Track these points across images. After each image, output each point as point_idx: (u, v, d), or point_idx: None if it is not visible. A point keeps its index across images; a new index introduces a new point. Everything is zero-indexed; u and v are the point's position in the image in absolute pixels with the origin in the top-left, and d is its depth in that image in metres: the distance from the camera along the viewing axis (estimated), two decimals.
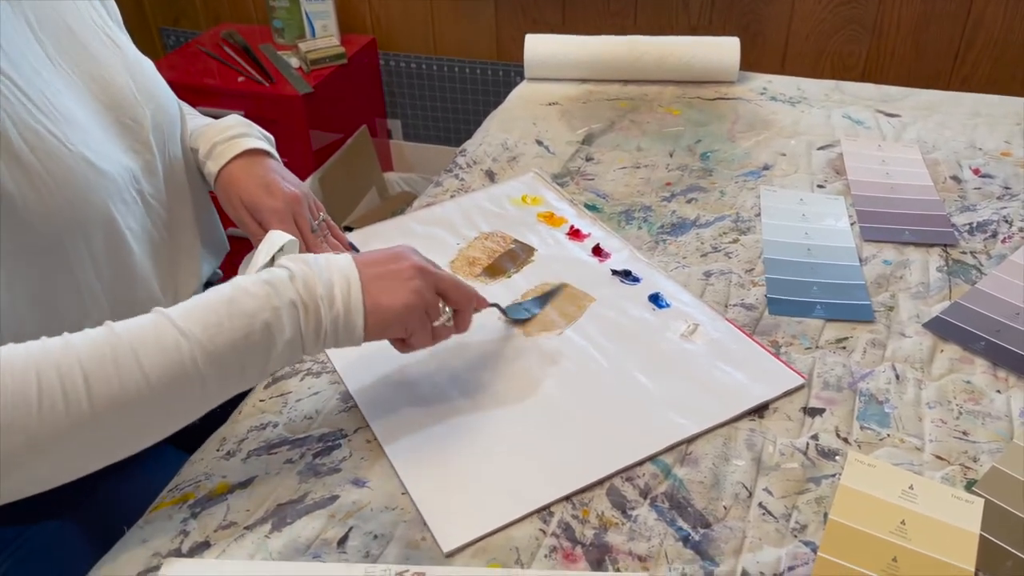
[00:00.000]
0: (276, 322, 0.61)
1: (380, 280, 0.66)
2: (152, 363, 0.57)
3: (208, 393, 0.60)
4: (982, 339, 0.81)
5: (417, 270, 0.68)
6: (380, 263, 0.67)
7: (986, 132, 1.17)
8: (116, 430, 0.57)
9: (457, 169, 1.13)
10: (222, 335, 0.59)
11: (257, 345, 0.61)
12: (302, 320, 0.62)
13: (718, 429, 0.73)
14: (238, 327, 0.60)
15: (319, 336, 0.63)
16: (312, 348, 0.64)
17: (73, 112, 0.68)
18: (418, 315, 0.68)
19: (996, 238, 0.96)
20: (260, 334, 0.61)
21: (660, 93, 1.30)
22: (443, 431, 0.72)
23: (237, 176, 0.83)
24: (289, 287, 0.62)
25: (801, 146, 1.15)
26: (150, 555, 0.63)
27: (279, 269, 0.64)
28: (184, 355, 0.58)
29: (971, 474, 0.69)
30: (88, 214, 0.67)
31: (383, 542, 0.64)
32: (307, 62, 2.04)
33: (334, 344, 0.65)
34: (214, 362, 0.59)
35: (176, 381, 0.58)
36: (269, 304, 0.61)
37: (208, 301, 0.61)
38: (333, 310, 0.63)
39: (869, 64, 1.92)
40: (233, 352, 0.60)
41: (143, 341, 0.57)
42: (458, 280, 0.71)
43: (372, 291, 0.65)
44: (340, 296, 0.64)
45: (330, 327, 0.64)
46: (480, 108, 2.26)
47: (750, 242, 0.96)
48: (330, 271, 0.64)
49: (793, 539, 0.64)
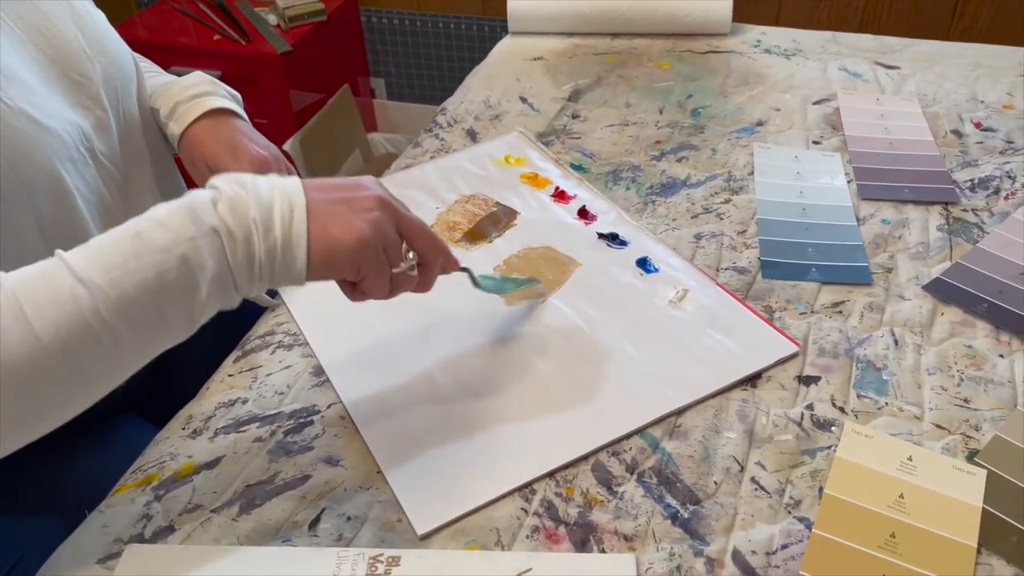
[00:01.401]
0: (195, 255, 0.52)
1: (331, 206, 0.56)
2: (43, 316, 0.48)
3: (125, 347, 0.52)
4: (984, 301, 0.78)
5: (378, 201, 0.58)
6: (334, 188, 0.57)
7: (988, 84, 1.13)
8: (16, 400, 0.49)
9: (437, 129, 1.08)
10: (128, 277, 0.50)
11: (175, 284, 0.51)
12: (228, 250, 0.53)
13: (709, 400, 0.69)
14: (148, 265, 0.51)
15: (252, 270, 0.54)
16: (246, 284, 0.55)
17: (13, 66, 0.64)
18: (373, 252, 0.57)
19: (999, 195, 0.92)
20: (176, 271, 0.51)
21: (649, 47, 1.25)
22: (420, 406, 0.69)
23: (201, 138, 0.78)
24: (211, 212, 0.53)
25: (796, 101, 1.11)
26: (111, 541, 0.60)
27: (204, 190, 0.54)
28: (83, 305, 0.49)
29: (973, 444, 0.66)
30: (31, 173, 0.62)
31: (356, 524, 0.61)
32: (285, 19, 1.97)
33: (271, 281, 0.55)
34: (124, 311, 0.50)
35: (76, 338, 0.49)
36: (185, 234, 0.52)
37: (113, 238, 0.52)
38: (270, 238, 0.53)
39: (867, 15, 1.87)
40: (146, 295, 0.51)
41: (32, 291, 0.49)
42: (426, 226, 0.61)
43: (320, 218, 0.55)
44: (280, 221, 0.54)
45: (265, 259, 0.54)
46: (467, 65, 2.20)
47: (743, 202, 0.92)
48: (271, 191, 0.55)
49: (787, 515, 0.61)
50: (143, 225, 0.52)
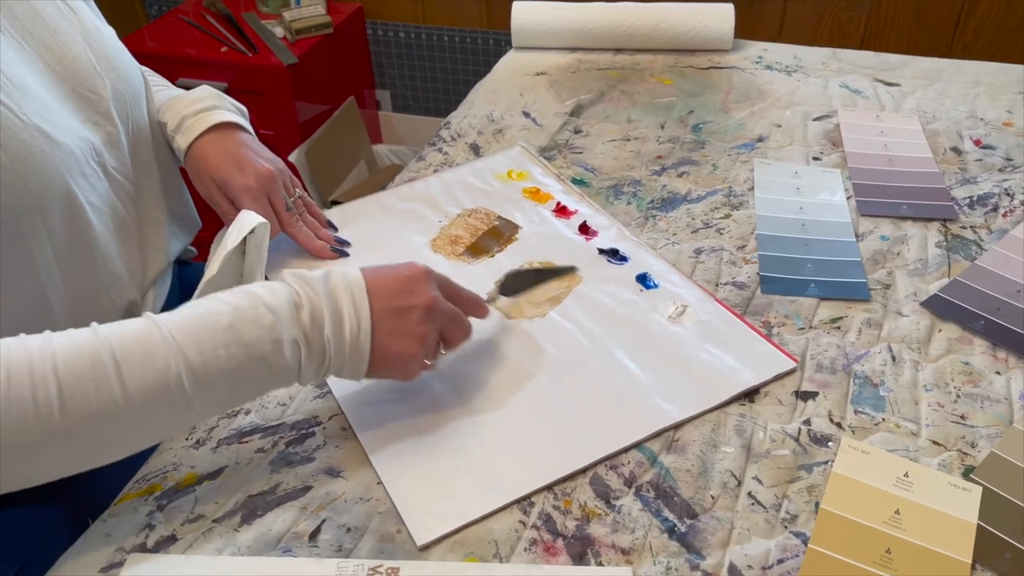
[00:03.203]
0: (275, 356, 0.58)
1: (392, 319, 0.63)
2: (135, 379, 0.53)
3: (192, 412, 0.57)
4: (981, 318, 0.78)
5: (428, 312, 0.64)
6: (395, 294, 0.63)
7: (987, 101, 1.14)
8: (89, 442, 0.54)
9: (441, 143, 1.09)
10: (216, 362, 0.56)
11: (251, 376, 0.58)
12: (303, 358, 0.59)
13: (707, 415, 0.70)
14: (234, 356, 0.56)
15: (319, 372, 0.62)
16: (309, 380, 0.62)
17: (26, 82, 0.65)
18: (418, 364, 0.66)
19: (997, 212, 0.93)
20: (255, 366, 0.58)
21: (652, 62, 1.26)
22: (420, 418, 0.70)
23: (207, 152, 0.79)
24: (294, 322, 0.59)
25: (797, 117, 1.11)
26: (113, 550, 0.61)
27: (284, 294, 0.59)
28: (171, 376, 0.54)
29: (969, 460, 0.66)
30: (44, 188, 0.64)
31: (356, 535, 0.62)
32: (292, 31, 1.98)
33: (332, 378, 0.64)
34: (203, 387, 0.56)
35: (159, 399, 0.55)
36: (270, 337, 0.58)
37: (205, 321, 0.57)
38: (340, 350, 0.61)
39: (869, 31, 1.88)
40: (225, 380, 0.57)
41: (128, 354, 0.54)
42: (461, 316, 0.68)
43: (381, 332, 0.62)
44: (349, 338, 0.61)
45: (333, 366, 0.62)
46: (471, 78, 2.21)
47: (743, 217, 0.93)
48: (339, 301, 0.61)
49: (783, 530, 0.61)
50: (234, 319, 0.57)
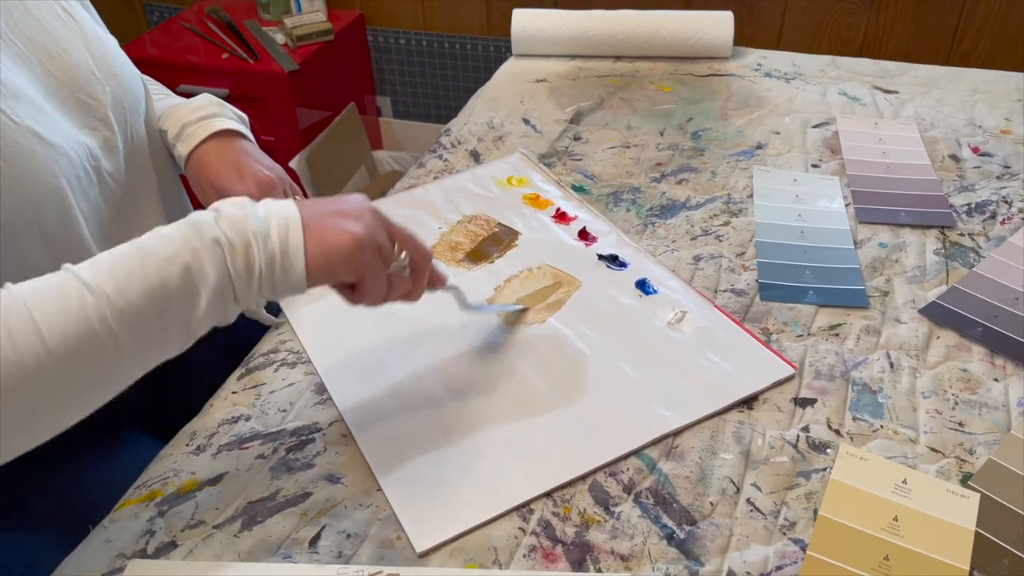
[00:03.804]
0: (196, 264, 0.54)
1: (325, 217, 0.59)
2: (51, 323, 0.50)
3: (126, 356, 0.53)
4: (979, 325, 0.79)
5: (368, 209, 0.61)
6: (325, 203, 0.61)
7: (986, 109, 1.14)
8: (21, 405, 0.50)
9: (441, 149, 1.09)
10: (134, 286, 0.52)
11: (177, 293, 0.54)
12: (228, 260, 0.55)
13: (705, 421, 0.70)
14: (152, 274, 0.53)
15: (251, 278, 0.56)
16: (246, 295, 0.57)
17: (21, 86, 0.65)
18: (369, 252, 0.60)
19: (995, 219, 0.93)
20: (179, 279, 0.53)
21: (651, 69, 1.26)
22: (420, 424, 0.70)
23: (208, 160, 0.79)
24: (213, 226, 0.55)
25: (796, 124, 1.12)
26: (114, 556, 0.61)
27: (205, 211, 0.57)
28: (89, 311, 0.51)
29: (967, 467, 0.66)
30: (37, 190, 0.63)
31: (356, 541, 0.62)
32: (293, 38, 1.99)
33: (272, 292, 0.58)
34: (127, 318, 0.52)
35: (82, 343, 0.51)
36: (188, 245, 0.54)
37: (120, 251, 0.54)
38: (268, 247, 0.56)
39: (868, 38, 1.88)
40: (149, 303, 0.53)
41: (41, 299, 0.51)
42: (414, 234, 0.64)
43: (315, 227, 0.58)
44: (277, 232, 0.57)
45: (265, 267, 0.56)
46: (471, 85, 2.22)
47: (742, 225, 0.93)
48: (266, 209, 0.58)
49: (782, 537, 0.62)
50: (147, 240, 0.55)
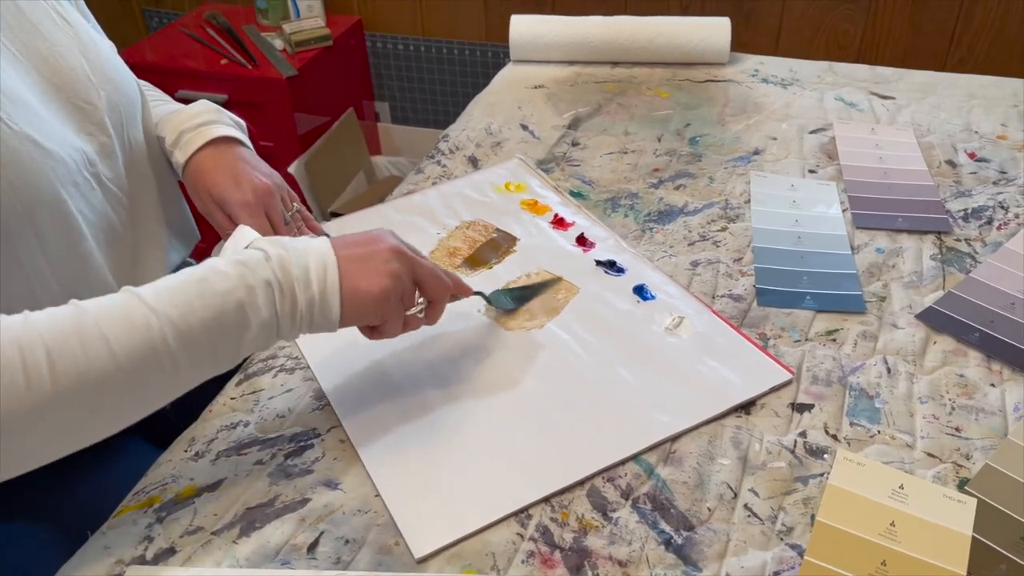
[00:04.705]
0: (250, 302, 0.59)
1: (358, 263, 0.64)
2: (120, 340, 0.54)
3: (179, 374, 0.58)
4: (976, 330, 0.79)
5: (395, 253, 0.66)
6: (358, 244, 0.66)
7: (982, 114, 1.14)
8: (82, 410, 0.54)
9: (439, 155, 1.10)
10: (194, 314, 0.57)
11: (230, 325, 0.59)
12: (278, 301, 0.60)
13: (703, 427, 0.70)
14: (211, 306, 0.58)
15: (295, 319, 0.61)
16: (288, 332, 0.62)
17: (18, 92, 0.65)
18: (394, 302, 0.66)
19: (991, 225, 0.93)
20: (234, 314, 0.58)
21: (649, 75, 1.27)
22: (418, 430, 0.70)
23: (205, 167, 0.79)
24: (264, 267, 0.60)
25: (793, 130, 1.12)
26: (112, 562, 0.61)
27: (254, 251, 0.62)
28: (154, 333, 0.55)
29: (964, 473, 0.67)
30: (34, 196, 0.64)
31: (355, 547, 0.62)
32: (291, 44, 2.00)
33: (309, 329, 0.63)
34: (185, 341, 0.57)
35: (145, 360, 0.55)
36: (243, 283, 0.59)
37: (179, 281, 0.59)
38: (308, 292, 0.61)
39: (864, 44, 1.89)
40: (205, 332, 0.57)
41: (110, 317, 0.55)
42: (437, 269, 0.70)
43: (349, 274, 0.63)
44: (316, 278, 0.62)
45: (305, 310, 0.61)
46: (470, 90, 2.22)
47: (739, 230, 0.93)
48: (307, 254, 0.63)
49: (779, 542, 0.62)
50: (205, 272, 0.60)
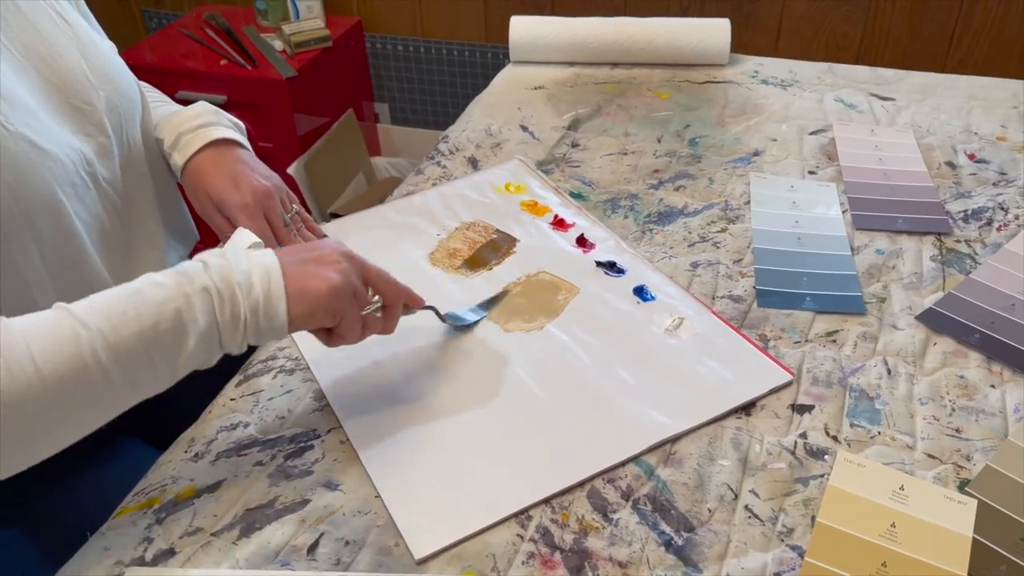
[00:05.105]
0: (188, 310, 0.57)
1: (303, 265, 0.63)
2: (46, 356, 0.52)
3: (114, 389, 0.56)
4: (976, 331, 0.79)
5: (342, 254, 0.65)
6: (302, 251, 0.65)
7: (982, 116, 1.15)
8: (10, 430, 0.52)
9: (439, 156, 1.10)
10: (127, 325, 0.55)
11: (167, 335, 0.57)
12: (216, 308, 0.58)
13: (703, 428, 0.70)
14: (145, 315, 0.56)
15: (237, 326, 0.60)
16: (231, 340, 0.60)
17: (15, 92, 0.65)
18: (345, 298, 0.64)
19: (991, 226, 0.93)
20: (170, 323, 0.57)
21: (649, 76, 1.27)
22: (418, 431, 0.70)
23: (204, 169, 0.79)
24: (202, 275, 0.59)
25: (792, 131, 1.12)
26: (112, 563, 0.61)
27: (192, 261, 0.61)
28: (83, 346, 0.53)
29: (964, 474, 0.67)
30: (31, 196, 0.64)
31: (355, 548, 0.62)
32: (291, 45, 2.00)
33: (256, 337, 0.61)
34: (118, 355, 0.55)
35: (74, 375, 0.53)
36: (180, 292, 0.58)
37: (114, 294, 0.57)
38: (252, 297, 0.60)
39: (864, 45, 1.89)
40: (140, 343, 0.56)
41: (37, 332, 0.53)
42: (385, 272, 0.68)
43: (294, 275, 0.62)
44: (259, 282, 0.60)
45: (250, 315, 0.60)
46: (469, 91, 2.22)
47: (739, 231, 0.93)
48: (248, 260, 0.61)
49: (780, 543, 0.62)
50: (140, 284, 0.58)
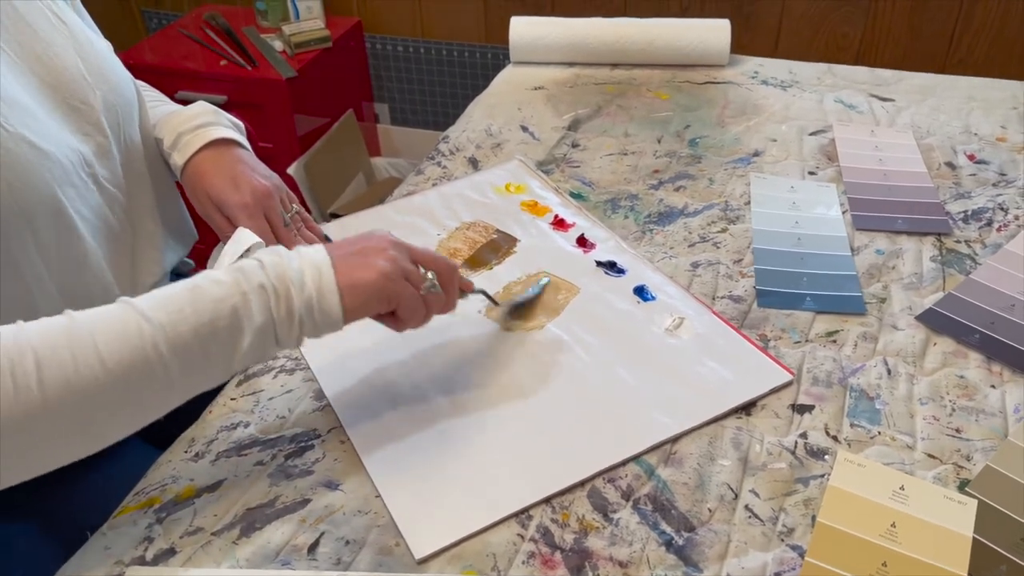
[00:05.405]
0: (244, 307, 0.58)
1: (351, 257, 0.63)
2: (110, 347, 0.54)
3: (172, 383, 0.57)
4: (976, 332, 0.79)
5: (389, 241, 0.66)
6: (350, 243, 0.65)
7: (981, 116, 1.15)
8: (72, 420, 0.54)
9: (439, 156, 1.10)
10: (186, 321, 0.56)
11: (224, 331, 0.58)
12: (273, 305, 0.59)
13: (703, 428, 0.70)
14: (204, 311, 0.57)
15: (292, 322, 0.60)
16: (287, 336, 0.61)
17: (13, 93, 0.65)
18: (399, 282, 0.64)
19: (991, 226, 0.94)
20: (227, 319, 0.58)
21: (649, 77, 1.27)
22: (419, 431, 0.70)
23: (203, 169, 0.79)
24: (259, 272, 0.60)
25: (792, 132, 1.12)
26: (112, 563, 0.61)
27: (251, 259, 0.62)
28: (145, 340, 0.55)
29: (964, 474, 0.67)
30: (30, 197, 0.64)
31: (355, 548, 0.62)
32: (291, 45, 2.00)
33: (313, 331, 0.62)
34: (177, 349, 0.56)
35: (136, 368, 0.55)
36: (237, 289, 0.59)
37: (173, 289, 0.58)
38: (305, 292, 0.60)
39: (864, 46, 1.89)
40: (197, 338, 0.57)
41: (102, 325, 0.55)
42: (435, 252, 0.69)
43: (344, 268, 0.62)
44: (311, 278, 0.61)
45: (304, 311, 0.60)
46: (469, 92, 2.22)
47: (739, 231, 0.93)
48: (300, 258, 0.62)
49: (780, 543, 0.62)
50: (199, 280, 0.59)
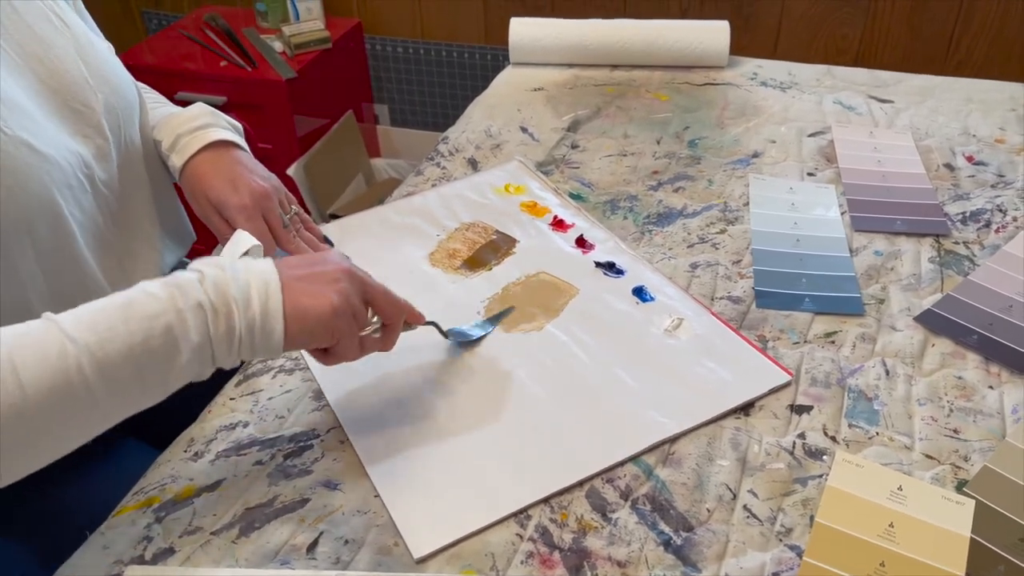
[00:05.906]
0: (180, 326, 0.55)
1: (303, 282, 0.61)
2: (30, 371, 0.51)
3: (101, 406, 0.54)
4: (974, 333, 0.79)
5: (344, 272, 0.63)
6: (304, 264, 0.63)
7: (980, 118, 1.15)
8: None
9: (439, 157, 1.10)
10: (115, 341, 0.53)
11: (158, 351, 0.55)
12: (211, 324, 0.56)
13: (702, 428, 0.70)
14: (135, 331, 0.54)
15: (231, 343, 0.58)
16: (225, 356, 0.58)
17: (13, 95, 0.65)
18: (345, 320, 0.62)
19: (990, 228, 0.94)
20: (161, 339, 0.55)
21: (648, 78, 1.27)
22: (417, 431, 0.70)
23: (202, 171, 0.79)
24: (197, 288, 0.57)
25: (791, 133, 1.12)
26: (111, 562, 0.61)
27: (189, 272, 0.59)
28: (69, 363, 0.52)
29: (962, 474, 0.67)
30: (29, 201, 0.64)
31: (354, 548, 0.62)
32: (291, 46, 2.00)
33: (250, 353, 0.59)
34: (105, 371, 0.53)
35: (58, 391, 0.51)
36: (173, 306, 0.55)
37: (104, 305, 0.55)
38: (249, 313, 0.57)
39: (863, 47, 1.90)
40: (128, 359, 0.54)
41: (22, 346, 0.51)
42: (388, 290, 0.66)
43: (293, 292, 0.59)
44: (257, 298, 0.58)
45: (245, 332, 0.58)
46: (469, 93, 2.23)
47: (738, 232, 0.94)
48: (247, 273, 0.59)
49: (778, 543, 0.62)
50: (133, 295, 0.56)
